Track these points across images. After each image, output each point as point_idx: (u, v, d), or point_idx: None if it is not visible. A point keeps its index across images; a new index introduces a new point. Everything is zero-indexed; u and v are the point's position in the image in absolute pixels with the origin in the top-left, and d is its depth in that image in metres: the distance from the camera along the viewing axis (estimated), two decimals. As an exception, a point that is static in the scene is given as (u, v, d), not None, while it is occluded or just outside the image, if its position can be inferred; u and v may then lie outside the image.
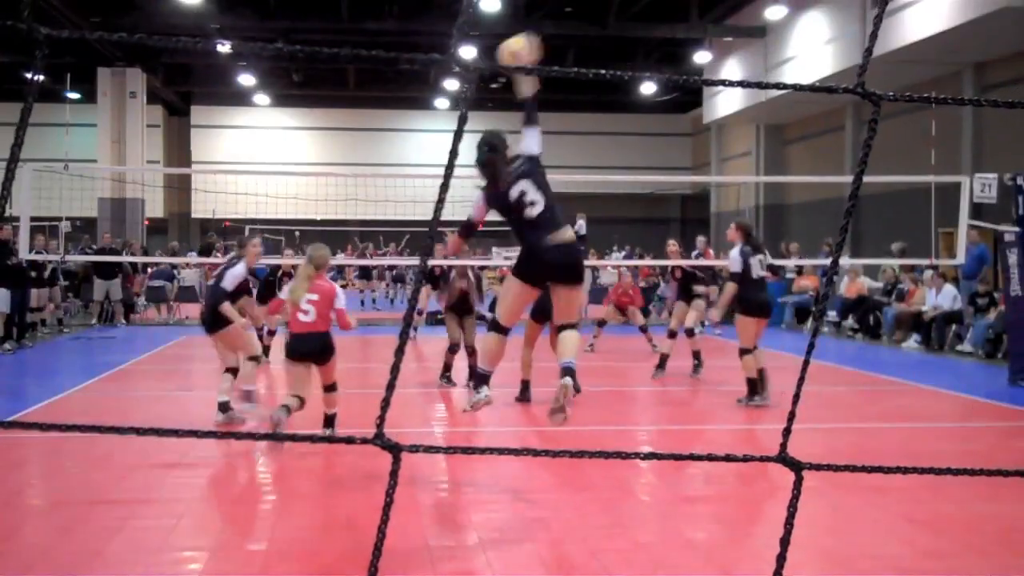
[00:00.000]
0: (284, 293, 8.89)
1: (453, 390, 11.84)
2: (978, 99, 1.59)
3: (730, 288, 10.83)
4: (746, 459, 1.53)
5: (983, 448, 9.05)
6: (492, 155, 6.49)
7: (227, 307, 9.44)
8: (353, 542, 5.84)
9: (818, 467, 1.56)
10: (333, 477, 7.50)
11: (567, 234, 6.47)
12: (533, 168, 6.50)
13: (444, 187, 1.36)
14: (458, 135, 1.35)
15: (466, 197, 6.84)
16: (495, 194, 6.46)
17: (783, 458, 1.50)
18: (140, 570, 5.38)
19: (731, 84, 1.55)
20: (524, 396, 11.01)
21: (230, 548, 5.78)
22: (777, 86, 1.55)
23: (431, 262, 12.25)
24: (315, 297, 8.26)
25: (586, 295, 22.74)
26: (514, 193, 6.42)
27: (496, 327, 6.63)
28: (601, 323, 16.88)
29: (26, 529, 6.20)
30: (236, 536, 6.01)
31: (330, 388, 8.62)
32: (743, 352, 10.70)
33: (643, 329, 16.57)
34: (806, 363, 1.55)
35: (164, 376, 13.66)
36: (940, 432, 9.95)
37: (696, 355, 13.42)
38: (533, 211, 6.41)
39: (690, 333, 13.46)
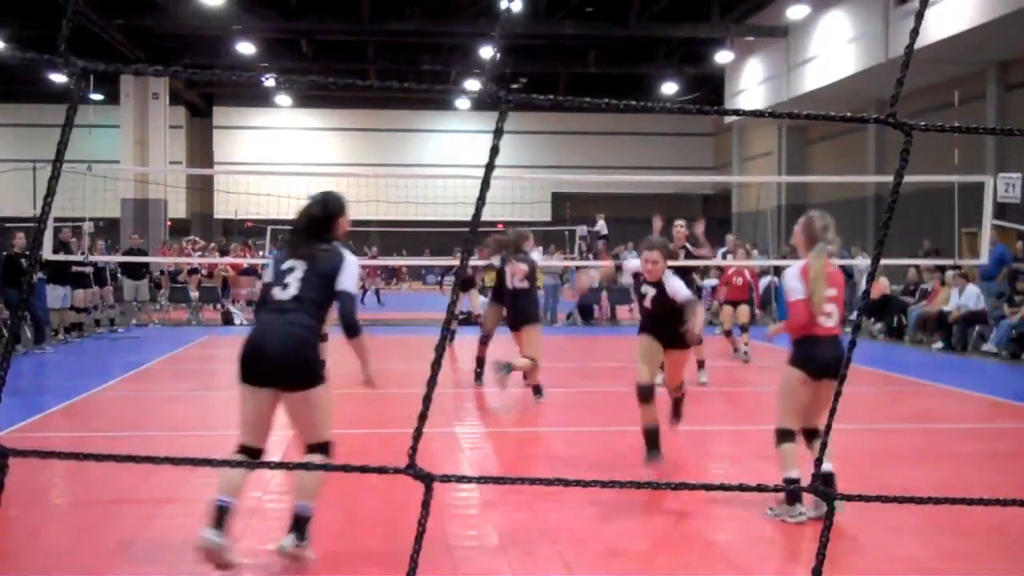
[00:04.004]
0: None
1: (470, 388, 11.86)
2: (1011, 128, 1.58)
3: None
4: (777, 489, 1.53)
5: (1008, 449, 8.99)
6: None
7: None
8: (374, 542, 5.85)
9: (849, 497, 1.56)
10: (355, 478, 7.51)
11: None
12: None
13: (483, 190, 1.35)
14: (489, 166, 1.35)
15: (493, 197, 6.78)
16: None
17: (815, 489, 1.50)
18: (163, 569, 5.40)
19: (771, 115, 1.54)
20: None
21: (252, 548, 5.79)
22: (809, 116, 1.54)
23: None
24: None
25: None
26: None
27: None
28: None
29: (50, 528, 6.24)
30: (258, 536, 6.03)
31: None
32: None
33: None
34: (837, 395, 1.54)
35: (188, 376, 13.73)
36: (964, 433, 9.88)
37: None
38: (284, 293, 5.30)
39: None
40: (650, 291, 7.79)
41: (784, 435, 6.24)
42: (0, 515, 6.19)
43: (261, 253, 33.30)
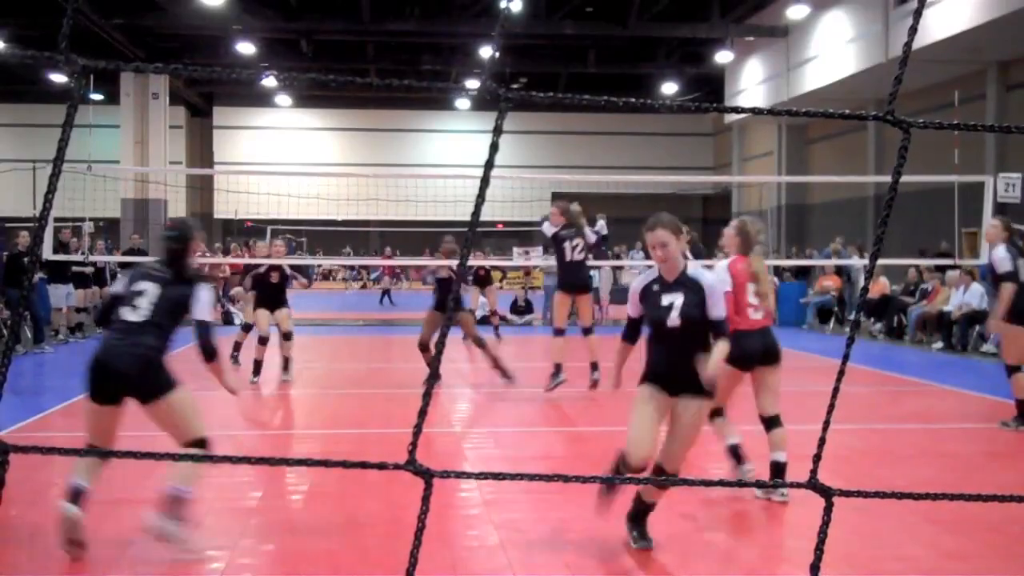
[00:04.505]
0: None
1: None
2: (1009, 125, 1.58)
3: (1008, 289, 9.24)
4: (776, 485, 1.53)
5: (1008, 449, 8.99)
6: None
7: None
8: (374, 541, 5.85)
9: (848, 493, 1.56)
10: (355, 476, 7.51)
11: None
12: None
13: (483, 188, 1.36)
14: (489, 164, 1.35)
15: (493, 196, 6.82)
16: None
17: (813, 484, 1.50)
18: (163, 570, 5.40)
19: (768, 112, 1.54)
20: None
21: (252, 548, 5.80)
22: (808, 113, 1.55)
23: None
24: None
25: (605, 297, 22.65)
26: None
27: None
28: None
29: (49, 529, 6.24)
30: (258, 536, 6.03)
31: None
32: (1014, 370, 9.44)
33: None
34: (835, 391, 1.54)
35: (187, 376, 13.70)
36: (964, 433, 9.88)
37: None
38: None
39: None
40: (677, 299, 5.39)
41: (712, 413, 6.76)
42: (0, 514, 6.19)
43: (261, 253, 33.38)
